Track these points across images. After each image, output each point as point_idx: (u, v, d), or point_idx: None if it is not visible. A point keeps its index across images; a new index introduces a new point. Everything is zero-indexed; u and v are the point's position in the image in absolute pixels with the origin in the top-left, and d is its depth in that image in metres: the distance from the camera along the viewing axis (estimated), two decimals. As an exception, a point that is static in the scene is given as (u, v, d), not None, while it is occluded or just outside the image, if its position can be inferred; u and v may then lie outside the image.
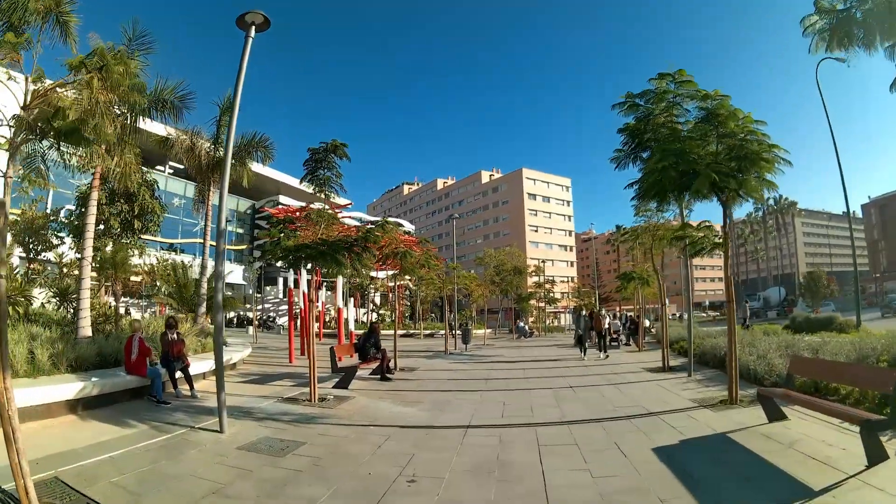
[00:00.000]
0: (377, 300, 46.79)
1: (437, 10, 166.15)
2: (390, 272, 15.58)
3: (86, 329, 9.54)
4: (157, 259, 22.29)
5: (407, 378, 11.18)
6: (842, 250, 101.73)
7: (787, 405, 5.91)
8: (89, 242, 10.49)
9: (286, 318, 31.86)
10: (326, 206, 9.87)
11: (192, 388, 8.07)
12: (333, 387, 9.67)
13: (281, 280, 52.26)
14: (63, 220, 17.89)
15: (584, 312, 16.54)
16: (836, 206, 55.92)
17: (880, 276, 77.09)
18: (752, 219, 74.19)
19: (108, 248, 15.65)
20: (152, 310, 29.67)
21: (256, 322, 30.02)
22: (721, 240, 8.35)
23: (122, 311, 16.77)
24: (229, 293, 46.49)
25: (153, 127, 13.49)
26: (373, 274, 44.50)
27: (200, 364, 9.29)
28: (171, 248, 39.53)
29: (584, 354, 14.44)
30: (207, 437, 5.61)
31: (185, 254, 38.84)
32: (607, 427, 6.10)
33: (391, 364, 11.40)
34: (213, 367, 7.51)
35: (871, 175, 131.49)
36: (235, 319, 41.00)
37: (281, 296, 51.01)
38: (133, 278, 20.76)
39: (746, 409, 6.55)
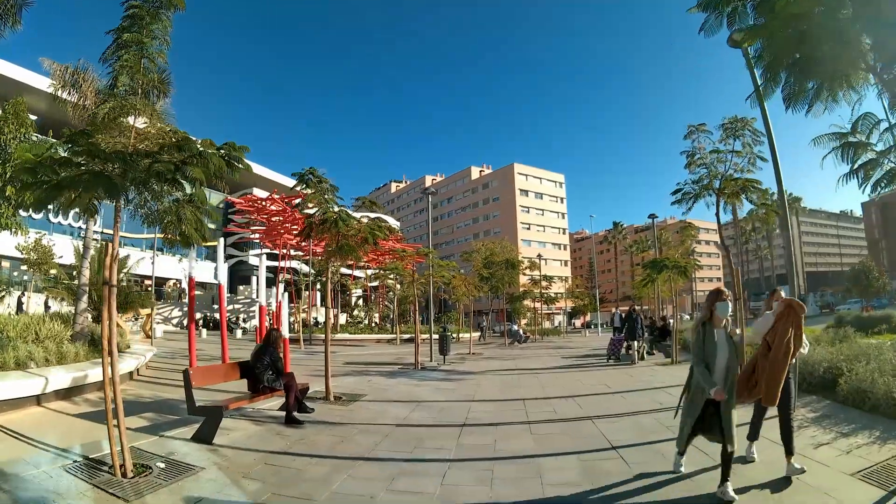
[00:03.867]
0: (360, 301, 42.42)
1: (426, 4, 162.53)
2: (373, 269, 11.39)
3: None
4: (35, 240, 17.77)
5: (332, 420, 6.89)
6: (840, 249, 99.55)
7: None
8: None
9: (256, 320, 27.71)
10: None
11: None
12: (192, 437, 5.55)
13: (254, 279, 48.53)
14: None
15: (634, 314, 13.24)
16: (833, 204, 53.14)
17: (847, 280, 74.35)
18: (754, 216, 70.81)
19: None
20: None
21: (202, 322, 25.56)
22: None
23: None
24: (199, 292, 42.58)
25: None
26: (356, 273, 40.35)
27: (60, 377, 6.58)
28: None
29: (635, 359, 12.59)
30: None
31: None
32: None
33: (330, 391, 7.11)
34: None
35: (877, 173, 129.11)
36: (202, 321, 36.78)
37: (254, 295, 46.95)
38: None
39: None
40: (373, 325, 33.98)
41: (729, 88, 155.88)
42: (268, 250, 41.19)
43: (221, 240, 13.18)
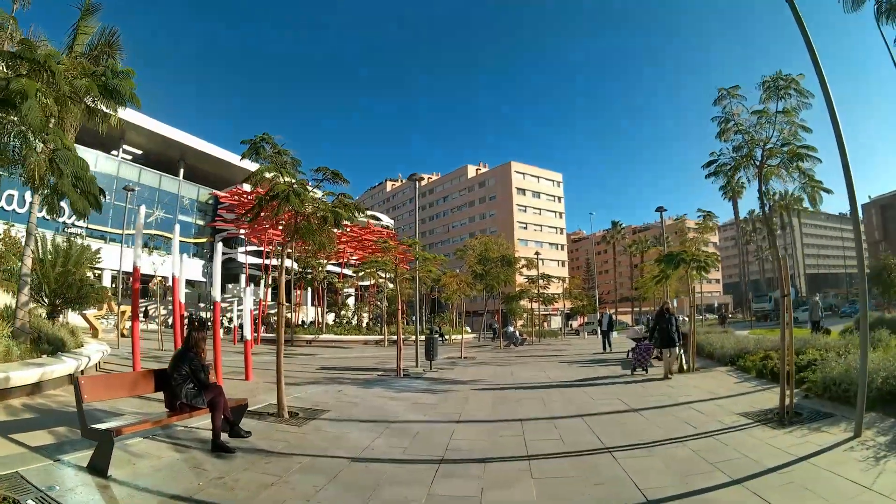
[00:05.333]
0: (348, 300, 40.66)
1: (423, 4, 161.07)
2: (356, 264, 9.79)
3: None
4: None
5: (273, 449, 5.28)
6: (839, 251, 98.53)
7: None
8: None
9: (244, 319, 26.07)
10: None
11: None
12: (87, 466, 4.20)
13: (243, 277, 47.05)
14: None
15: (668, 314, 10.50)
16: (832, 206, 51.58)
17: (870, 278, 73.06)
18: (755, 216, 69.54)
19: None
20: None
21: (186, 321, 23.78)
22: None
23: None
24: (188, 290, 40.96)
25: None
26: (347, 272, 38.62)
27: None
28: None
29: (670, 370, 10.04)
30: None
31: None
32: None
33: (284, 406, 5.50)
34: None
35: (872, 174, 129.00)
36: (187, 320, 35.09)
37: (242, 294, 45.32)
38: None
39: None
40: (361, 325, 32.31)
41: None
42: (254, 247, 39.64)
43: (177, 227, 11.58)
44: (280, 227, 7.50)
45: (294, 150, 7.71)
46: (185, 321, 32.16)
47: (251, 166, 8.11)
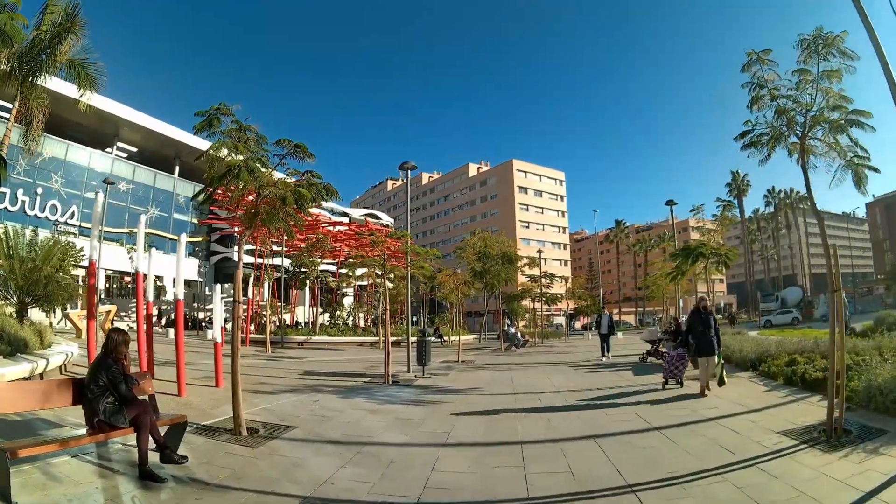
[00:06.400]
0: (343, 300, 39.55)
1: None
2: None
3: None
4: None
5: (212, 480, 4.27)
6: (846, 251, 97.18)
7: None
8: None
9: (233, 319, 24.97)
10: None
11: None
12: None
13: (251, 278, 46.55)
14: None
15: (705, 313, 8.41)
16: (836, 206, 50.90)
17: (885, 277, 71.83)
18: (760, 215, 68.36)
19: None
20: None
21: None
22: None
23: None
24: (184, 290, 40.05)
25: None
26: (341, 269, 37.55)
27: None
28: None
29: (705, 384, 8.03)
30: None
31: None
32: None
33: (242, 423, 4.47)
34: None
35: (874, 173, 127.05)
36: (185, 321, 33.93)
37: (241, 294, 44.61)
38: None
39: None
40: (357, 326, 31.23)
41: (731, 84, 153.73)
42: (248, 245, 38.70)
43: (142, 218, 10.54)
44: (240, 214, 6.46)
45: (258, 125, 6.66)
46: (164, 321, 30.97)
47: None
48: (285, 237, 23.41)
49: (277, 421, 6.50)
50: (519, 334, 23.16)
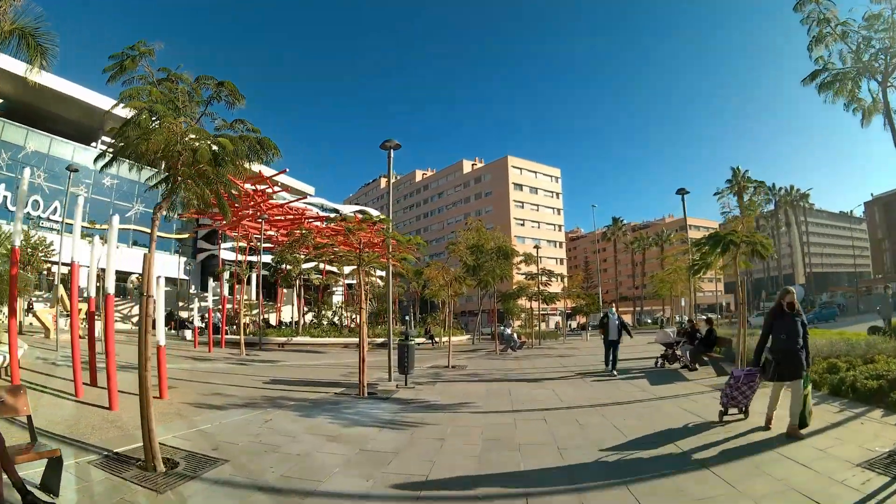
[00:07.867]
0: (334, 299, 37.89)
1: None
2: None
3: None
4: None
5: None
6: (843, 251, 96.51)
7: None
8: None
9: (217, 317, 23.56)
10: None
11: None
12: None
13: (227, 274, 44.86)
14: None
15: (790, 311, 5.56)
16: (835, 205, 50.05)
17: (884, 277, 71.09)
18: (760, 213, 67.30)
19: None
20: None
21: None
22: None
23: None
24: (168, 288, 38.48)
25: None
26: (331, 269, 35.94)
27: None
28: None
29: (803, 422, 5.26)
30: None
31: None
32: None
33: (156, 454, 2.97)
34: None
35: (874, 172, 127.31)
36: (168, 320, 32.91)
37: (226, 292, 43.17)
38: None
39: None
40: (346, 326, 29.59)
41: (731, 88, 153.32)
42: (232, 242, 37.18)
43: (80, 202, 8.95)
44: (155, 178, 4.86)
45: (191, 72, 5.11)
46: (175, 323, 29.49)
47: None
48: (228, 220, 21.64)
49: (207, 451, 4.97)
50: (515, 336, 21.63)
